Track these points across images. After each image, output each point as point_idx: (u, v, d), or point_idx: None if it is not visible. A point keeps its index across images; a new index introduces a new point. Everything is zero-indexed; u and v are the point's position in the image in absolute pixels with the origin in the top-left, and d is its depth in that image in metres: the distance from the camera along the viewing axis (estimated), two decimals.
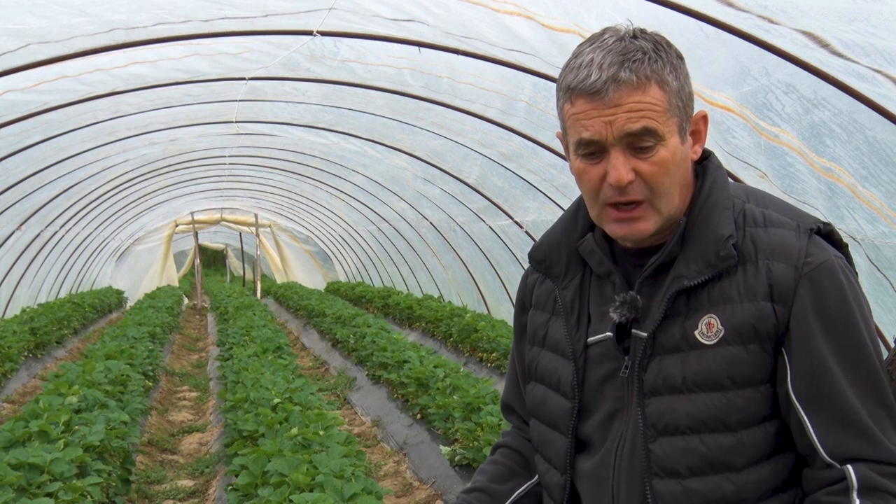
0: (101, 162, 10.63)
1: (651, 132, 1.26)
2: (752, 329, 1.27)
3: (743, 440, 1.28)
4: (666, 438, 1.31)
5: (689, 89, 1.32)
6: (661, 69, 1.27)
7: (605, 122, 1.26)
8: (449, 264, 12.97)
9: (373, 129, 9.17)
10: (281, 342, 9.57)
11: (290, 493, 3.72)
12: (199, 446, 6.88)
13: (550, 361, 1.47)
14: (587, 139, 1.28)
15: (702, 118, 1.36)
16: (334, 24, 5.30)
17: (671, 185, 1.31)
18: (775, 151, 4.49)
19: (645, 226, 1.32)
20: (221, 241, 30.80)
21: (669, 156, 1.29)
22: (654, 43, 1.29)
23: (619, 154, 1.27)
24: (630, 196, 1.29)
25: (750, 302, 1.28)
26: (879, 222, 4.33)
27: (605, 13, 4.19)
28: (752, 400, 1.28)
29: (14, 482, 3.88)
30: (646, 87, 1.25)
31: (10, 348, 8.93)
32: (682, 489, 1.30)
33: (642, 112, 1.25)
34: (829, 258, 1.29)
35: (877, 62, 3.37)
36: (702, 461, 1.29)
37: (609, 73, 1.25)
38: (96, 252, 17.94)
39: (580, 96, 1.27)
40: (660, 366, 1.33)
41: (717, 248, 1.30)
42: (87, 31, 4.97)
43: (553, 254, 1.48)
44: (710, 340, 1.29)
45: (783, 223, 1.32)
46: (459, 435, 5.61)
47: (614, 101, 1.25)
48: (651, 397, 1.33)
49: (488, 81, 6.22)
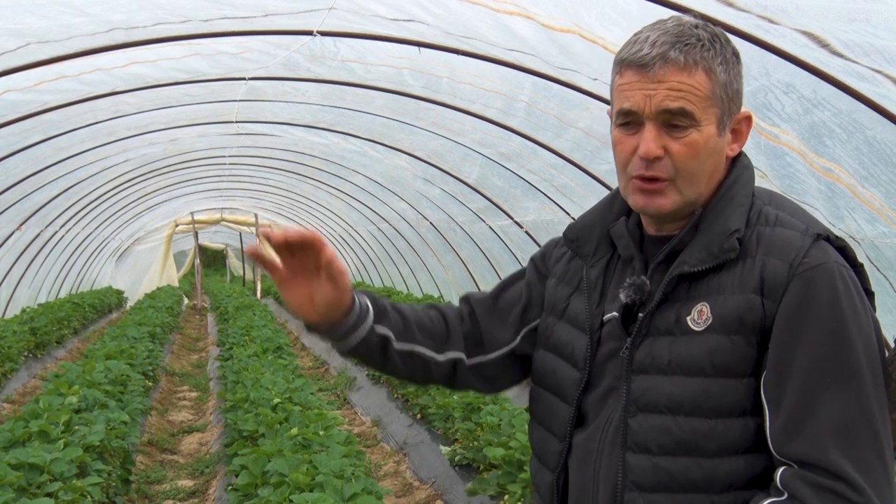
0: (101, 162, 10.62)
1: (687, 114, 1.30)
2: (738, 320, 1.29)
3: (717, 428, 1.29)
4: (644, 415, 1.34)
5: (737, 87, 1.35)
6: (712, 58, 1.30)
7: (646, 95, 1.30)
8: (449, 264, 12.97)
9: (373, 129, 9.17)
10: (281, 342, 9.57)
11: (290, 493, 3.72)
12: (199, 446, 6.88)
13: (566, 333, 1.50)
14: (626, 108, 1.33)
15: (745, 118, 1.39)
16: (334, 24, 5.30)
17: (697, 169, 1.34)
18: (775, 151, 4.48)
19: (663, 201, 1.35)
20: (221, 241, 30.78)
21: (702, 142, 1.32)
22: (713, 35, 1.33)
23: (653, 129, 1.32)
24: (655, 172, 1.33)
25: (740, 294, 1.30)
26: (879, 222, 4.33)
27: (605, 13, 4.19)
28: (729, 389, 1.29)
29: (14, 482, 3.88)
30: (692, 70, 1.29)
31: (10, 348, 8.93)
32: (651, 465, 1.33)
33: (682, 93, 1.29)
34: (828, 262, 1.27)
35: (877, 62, 3.37)
36: (673, 442, 1.31)
37: (660, 51, 1.29)
38: (96, 252, 17.94)
39: (629, 68, 1.33)
40: (651, 346, 1.36)
41: (722, 240, 1.32)
42: (86, 30, 4.97)
43: (585, 234, 1.53)
44: (699, 327, 1.32)
45: (792, 225, 1.33)
46: (459, 435, 5.61)
47: (658, 77, 1.29)
48: (638, 375, 1.36)
49: (488, 81, 6.22)
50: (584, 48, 4.53)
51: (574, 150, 6.82)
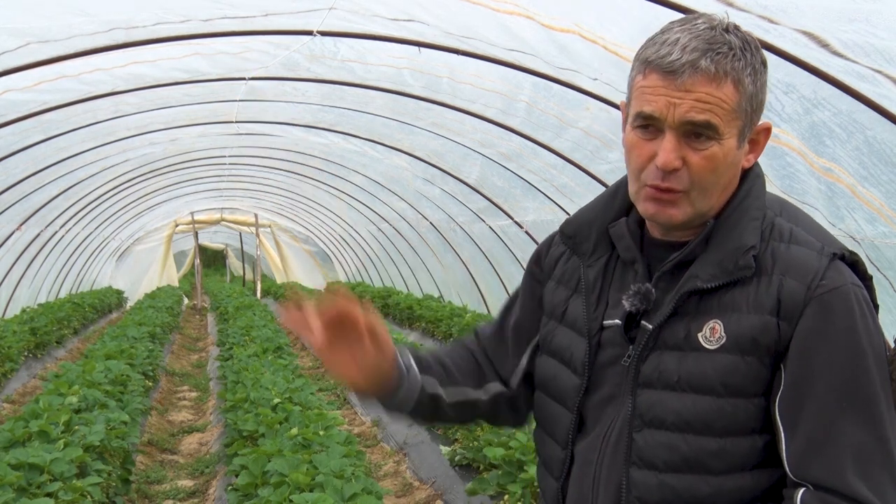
0: (101, 162, 10.63)
1: (712, 127, 1.25)
2: (752, 341, 1.27)
3: (726, 447, 1.28)
4: (650, 431, 1.33)
5: (762, 97, 1.30)
6: (742, 69, 1.25)
7: (670, 103, 1.25)
8: (449, 264, 12.97)
9: (373, 129, 9.17)
10: (281, 342, 9.57)
11: (290, 493, 3.72)
12: (199, 446, 6.88)
13: (565, 337, 1.47)
14: (647, 113, 1.28)
15: (764, 130, 1.35)
16: (334, 24, 5.30)
17: (714, 183, 1.30)
18: (775, 152, 4.48)
19: (675, 212, 1.31)
20: (221, 241, 30.78)
21: (722, 155, 1.28)
22: (744, 42, 1.27)
23: (673, 138, 1.27)
24: (671, 184, 1.29)
25: (756, 314, 1.27)
26: (879, 222, 4.33)
27: (605, 13, 4.19)
28: (741, 409, 1.28)
29: (14, 482, 3.88)
30: (721, 81, 1.24)
31: (10, 348, 8.93)
32: (657, 482, 1.31)
33: (710, 105, 1.24)
34: (845, 284, 1.26)
35: (877, 62, 3.37)
36: (680, 459, 1.30)
37: (690, 58, 1.24)
38: (96, 252, 17.93)
39: (654, 71, 1.27)
40: (658, 360, 1.33)
41: (737, 256, 1.29)
42: (86, 30, 4.98)
43: (584, 231, 1.48)
44: (711, 345, 1.29)
45: (808, 242, 1.31)
46: (459, 435, 5.62)
47: (686, 86, 1.24)
48: (644, 388, 1.34)
49: (488, 81, 6.22)
50: (585, 48, 4.54)
51: (574, 150, 6.83)
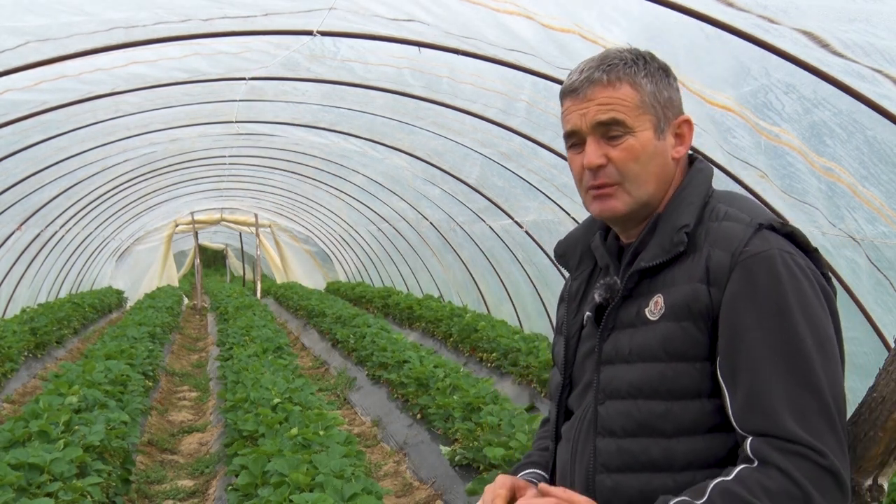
0: (101, 162, 10.62)
1: (619, 123, 1.45)
2: (686, 307, 1.40)
3: (673, 409, 1.39)
4: (611, 402, 1.46)
5: (668, 94, 1.49)
6: (635, 73, 1.46)
7: (581, 115, 1.47)
8: (449, 264, 12.97)
9: (373, 128, 9.17)
10: (281, 342, 9.57)
11: (290, 493, 3.72)
12: (199, 446, 6.88)
13: (558, 345, 1.65)
14: (568, 130, 1.50)
15: (684, 122, 1.52)
16: (334, 24, 5.30)
17: (640, 171, 1.47)
18: (776, 151, 4.48)
19: (616, 204, 1.49)
20: (221, 241, 30.77)
21: (640, 146, 1.46)
22: (636, 55, 1.49)
23: (593, 142, 1.47)
24: (602, 180, 1.48)
25: (688, 284, 1.41)
26: (879, 222, 4.32)
27: (605, 13, 4.19)
28: (683, 373, 1.39)
29: (14, 482, 3.88)
30: (616, 85, 1.45)
31: (10, 348, 8.93)
32: (616, 448, 1.44)
33: (611, 105, 1.45)
34: (769, 248, 1.37)
35: (877, 62, 3.37)
36: (635, 424, 1.42)
37: (586, 74, 1.47)
38: (96, 252, 17.93)
39: (566, 96, 1.51)
40: (616, 339, 1.48)
41: (672, 234, 1.45)
42: (86, 29, 4.97)
43: (571, 249, 1.69)
44: (654, 317, 1.44)
45: (738, 218, 1.43)
46: (459, 435, 5.61)
47: (588, 97, 1.47)
48: (605, 365, 1.49)
49: (488, 81, 6.22)
50: (585, 48, 4.53)
51: None
